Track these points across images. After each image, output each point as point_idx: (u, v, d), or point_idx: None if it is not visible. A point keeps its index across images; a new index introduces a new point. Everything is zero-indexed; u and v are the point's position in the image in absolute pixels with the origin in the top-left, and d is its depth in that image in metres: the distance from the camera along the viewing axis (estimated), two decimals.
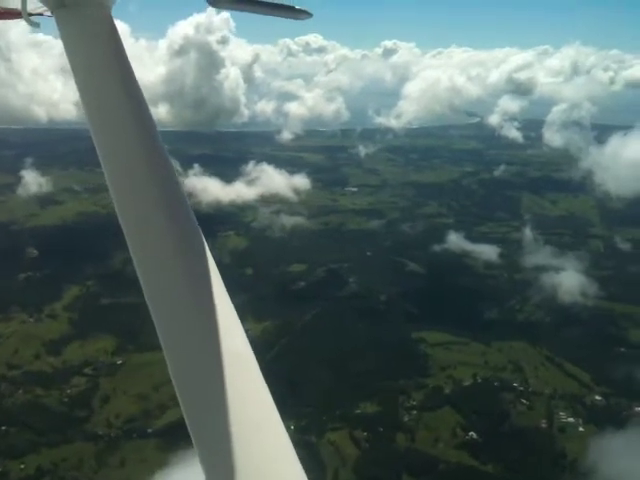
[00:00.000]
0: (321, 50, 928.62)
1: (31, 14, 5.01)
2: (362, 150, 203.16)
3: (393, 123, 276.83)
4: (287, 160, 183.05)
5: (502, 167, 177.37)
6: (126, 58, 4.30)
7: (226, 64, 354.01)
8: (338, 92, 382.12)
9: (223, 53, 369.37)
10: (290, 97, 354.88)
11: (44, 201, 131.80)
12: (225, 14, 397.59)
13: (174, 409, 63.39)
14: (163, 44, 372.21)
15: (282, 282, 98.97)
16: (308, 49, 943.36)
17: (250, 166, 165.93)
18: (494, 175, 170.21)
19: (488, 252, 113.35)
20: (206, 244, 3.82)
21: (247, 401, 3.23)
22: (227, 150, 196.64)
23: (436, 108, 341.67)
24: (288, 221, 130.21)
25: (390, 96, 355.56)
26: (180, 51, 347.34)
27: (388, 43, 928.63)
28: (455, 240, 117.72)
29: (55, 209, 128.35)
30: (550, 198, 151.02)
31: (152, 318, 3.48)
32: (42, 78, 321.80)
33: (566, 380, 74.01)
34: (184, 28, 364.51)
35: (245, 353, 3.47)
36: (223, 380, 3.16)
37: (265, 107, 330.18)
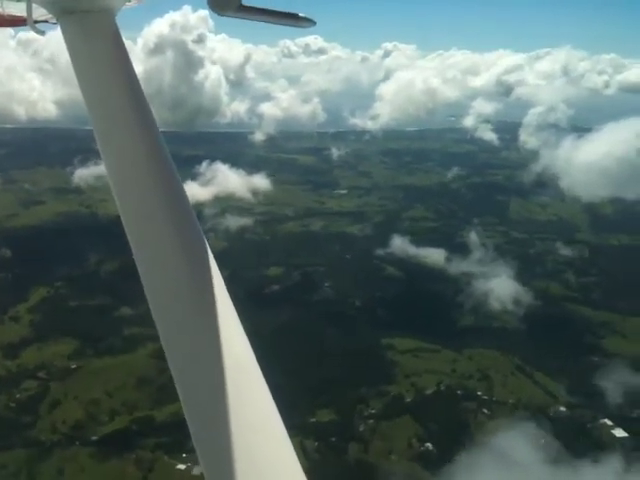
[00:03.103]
0: (320, 52, 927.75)
1: (36, 21, 4.88)
2: (336, 152, 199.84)
3: (369, 125, 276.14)
4: (271, 161, 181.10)
5: (488, 170, 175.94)
6: (131, 65, 4.20)
7: (205, 64, 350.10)
8: (323, 94, 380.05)
9: (202, 52, 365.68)
10: (274, 98, 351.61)
11: (27, 201, 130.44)
12: (203, 12, 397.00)
13: (123, 416, 62.21)
14: (139, 43, 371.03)
15: (257, 286, 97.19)
16: (308, 50, 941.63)
17: (233, 168, 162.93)
18: (479, 178, 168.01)
19: (469, 258, 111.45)
20: (209, 247, 3.68)
21: (249, 408, 3.07)
22: (207, 150, 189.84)
23: (422, 110, 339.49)
24: (270, 223, 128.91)
25: (372, 98, 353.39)
26: (155, 50, 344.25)
27: (388, 45, 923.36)
28: (437, 244, 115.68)
29: (37, 209, 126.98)
30: (538, 202, 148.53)
31: (155, 323, 3.39)
32: (19, 77, 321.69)
33: (534, 390, 72.09)
34: (159, 27, 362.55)
35: (248, 359, 3.32)
36: (226, 387, 3.03)
37: (249, 107, 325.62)
